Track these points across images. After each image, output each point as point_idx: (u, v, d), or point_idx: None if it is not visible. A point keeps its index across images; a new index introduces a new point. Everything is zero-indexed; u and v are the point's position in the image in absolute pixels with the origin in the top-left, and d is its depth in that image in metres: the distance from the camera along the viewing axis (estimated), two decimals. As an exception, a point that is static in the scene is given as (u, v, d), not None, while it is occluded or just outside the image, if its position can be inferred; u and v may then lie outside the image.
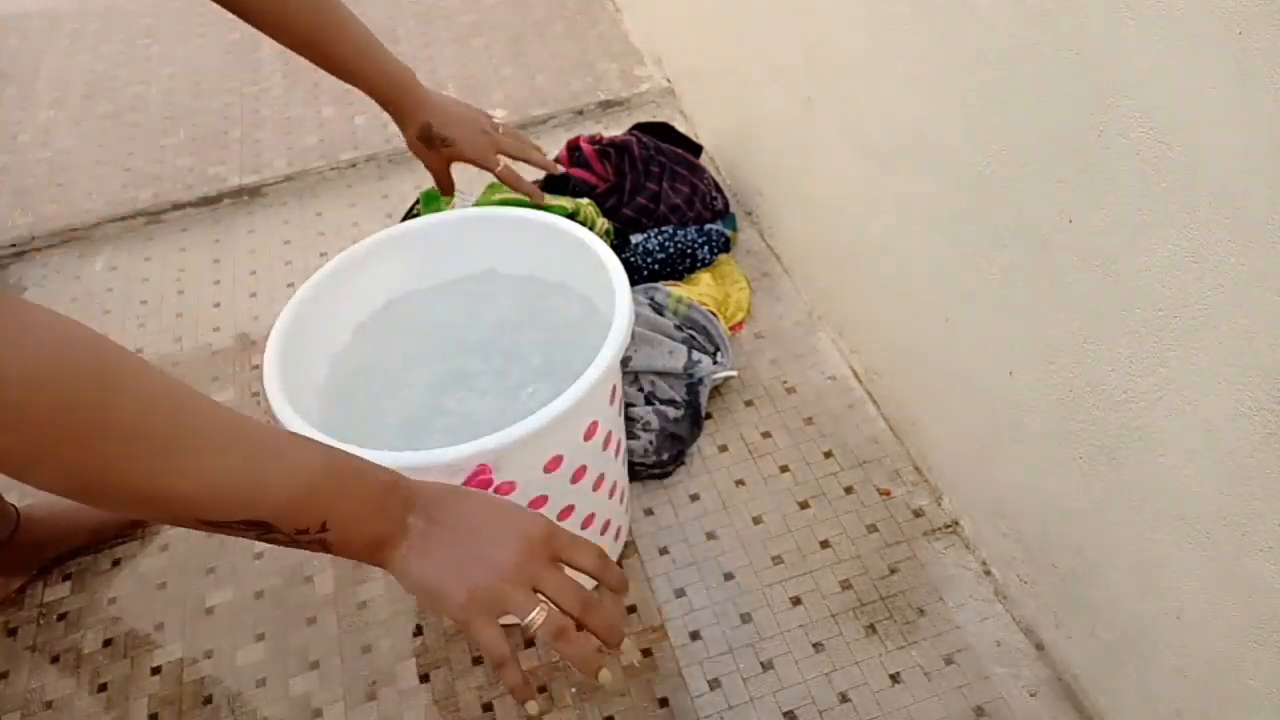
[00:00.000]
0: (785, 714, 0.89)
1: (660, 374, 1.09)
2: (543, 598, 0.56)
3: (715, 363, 1.12)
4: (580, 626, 0.58)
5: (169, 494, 0.45)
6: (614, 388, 0.85)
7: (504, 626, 0.56)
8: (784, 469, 1.08)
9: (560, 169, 1.05)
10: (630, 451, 1.04)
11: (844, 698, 0.89)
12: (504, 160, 1.00)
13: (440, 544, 0.55)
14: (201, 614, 1.02)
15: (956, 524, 1.01)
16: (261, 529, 0.48)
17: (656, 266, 1.21)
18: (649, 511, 1.06)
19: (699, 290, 1.19)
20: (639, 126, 1.36)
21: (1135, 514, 0.71)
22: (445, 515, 0.55)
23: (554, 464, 0.79)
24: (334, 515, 0.51)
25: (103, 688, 0.97)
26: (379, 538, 0.54)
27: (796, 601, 0.97)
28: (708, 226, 1.26)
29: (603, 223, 1.01)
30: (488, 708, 0.92)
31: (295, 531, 0.50)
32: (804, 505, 1.04)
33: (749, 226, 1.37)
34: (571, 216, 0.88)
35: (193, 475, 0.46)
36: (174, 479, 0.45)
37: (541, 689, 0.93)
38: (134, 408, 0.44)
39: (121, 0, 2.08)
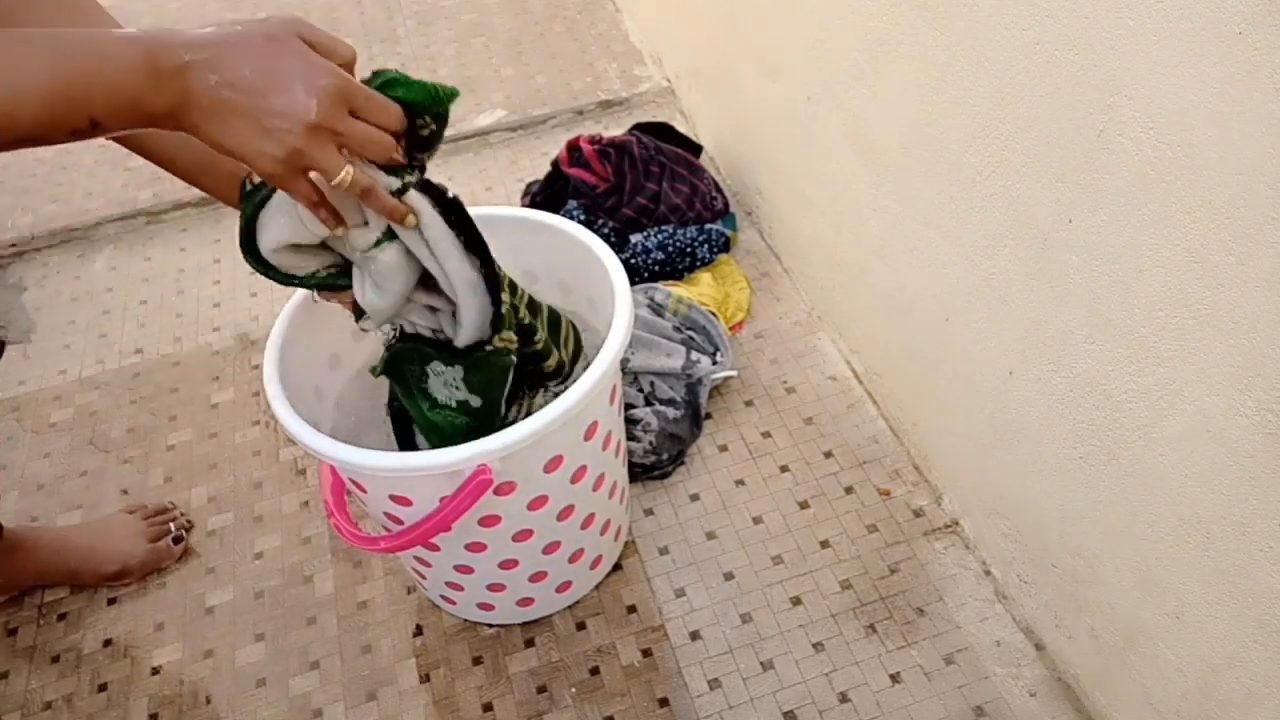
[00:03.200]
0: (785, 714, 0.89)
1: (660, 374, 1.09)
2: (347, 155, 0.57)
3: (715, 363, 1.12)
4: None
5: None
6: (614, 388, 0.85)
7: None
8: (784, 469, 1.08)
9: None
10: (630, 451, 1.04)
11: (844, 698, 0.89)
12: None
13: (235, 105, 0.52)
14: (201, 614, 1.02)
15: (956, 524, 1.01)
16: (32, 142, 0.48)
17: (656, 266, 1.21)
18: (649, 511, 1.06)
19: (699, 290, 1.19)
20: (639, 126, 1.36)
21: (1135, 514, 0.71)
22: (233, 71, 0.51)
23: (554, 464, 0.79)
24: (96, 110, 0.49)
25: (103, 688, 0.97)
26: (162, 113, 0.51)
27: (796, 601, 0.97)
28: (708, 226, 1.26)
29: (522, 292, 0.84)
30: (488, 708, 0.92)
31: (69, 134, 0.49)
32: (804, 505, 1.04)
33: (749, 226, 1.37)
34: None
35: None
36: None
37: (541, 689, 0.93)
38: None
39: (121, 0, 2.08)
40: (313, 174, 0.57)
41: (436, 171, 1.62)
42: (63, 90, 0.48)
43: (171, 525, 1.07)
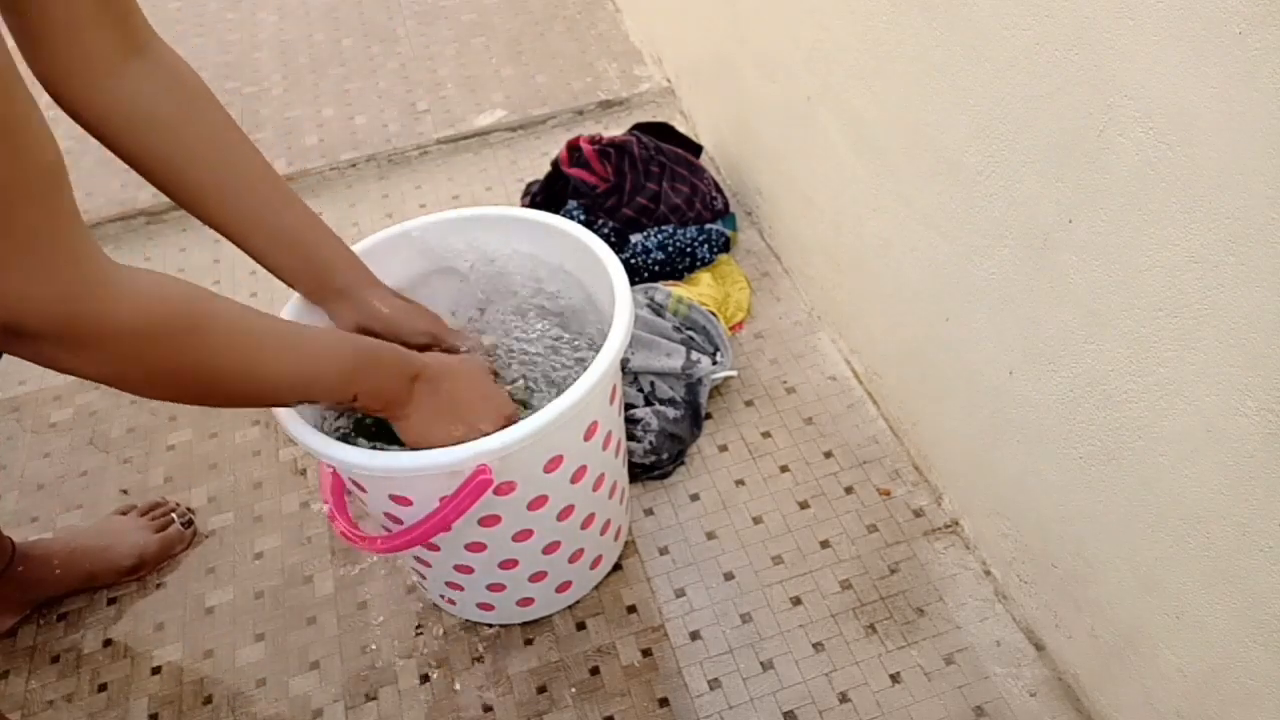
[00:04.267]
0: (785, 714, 0.89)
1: (660, 374, 1.09)
2: None
3: (715, 363, 1.12)
4: None
5: (247, 400, 0.66)
6: (614, 388, 0.85)
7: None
8: (784, 469, 1.08)
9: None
10: (630, 452, 1.04)
11: (844, 698, 0.89)
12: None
13: (437, 409, 0.75)
14: (201, 614, 1.02)
15: (956, 524, 1.01)
16: (312, 403, 0.71)
17: (656, 266, 1.21)
18: (649, 511, 1.06)
19: (699, 290, 1.19)
20: (639, 126, 1.36)
21: (1135, 514, 0.71)
22: (444, 387, 0.75)
23: (554, 464, 0.79)
24: (361, 389, 0.70)
25: (103, 688, 0.97)
26: (393, 400, 0.73)
27: (796, 601, 0.97)
28: (708, 226, 1.26)
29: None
30: (488, 708, 0.92)
31: (336, 402, 0.70)
32: (804, 505, 1.04)
33: (749, 226, 1.37)
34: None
35: (267, 386, 0.65)
36: (251, 391, 0.64)
37: (541, 689, 0.93)
38: (219, 353, 0.60)
39: (121, 0, 2.08)
40: None
41: (437, 171, 1.62)
42: (349, 381, 0.69)
43: (173, 515, 1.07)
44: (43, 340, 0.51)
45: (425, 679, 0.95)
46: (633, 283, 1.19)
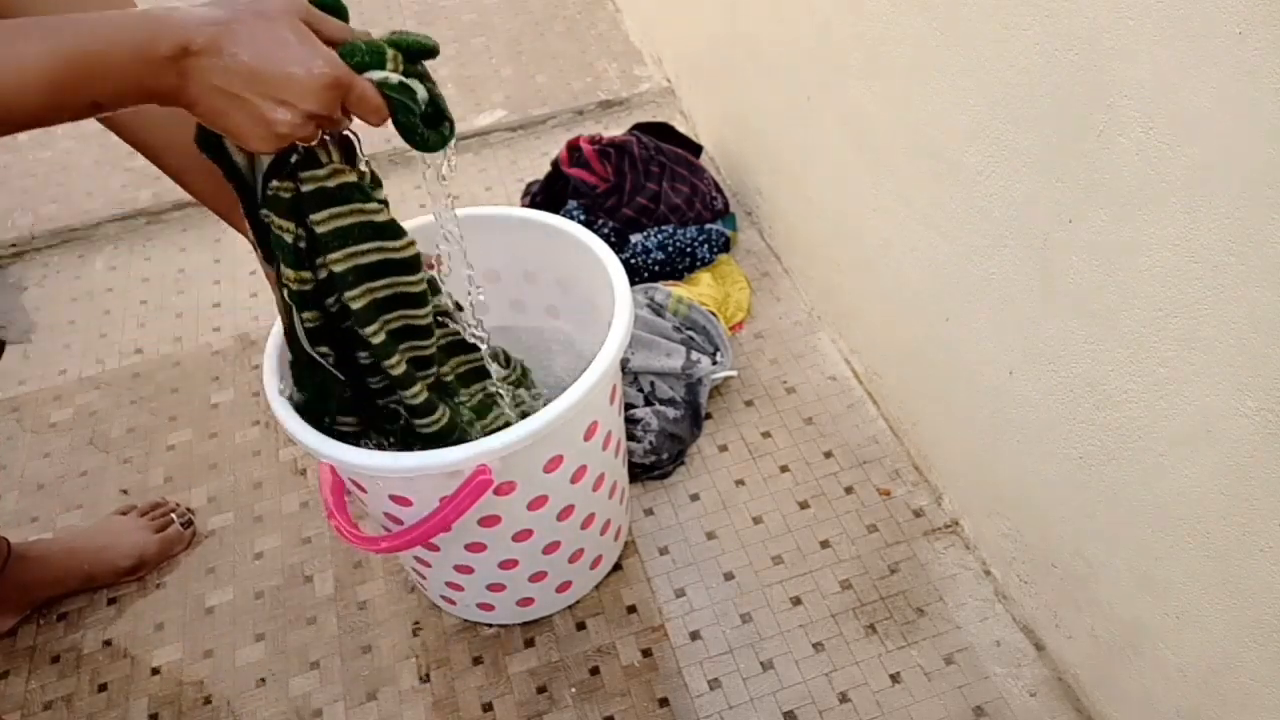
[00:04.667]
0: (785, 714, 0.89)
1: (660, 374, 1.09)
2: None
3: (715, 363, 1.12)
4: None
5: None
6: (614, 388, 0.85)
7: None
8: (784, 469, 1.08)
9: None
10: (630, 452, 1.04)
11: (844, 698, 0.89)
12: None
13: (231, 90, 0.52)
14: (201, 614, 1.02)
15: (956, 524, 1.01)
16: (35, 126, 0.49)
17: (656, 266, 1.21)
18: (649, 511, 1.06)
19: (699, 290, 1.19)
20: (639, 126, 1.36)
21: (1135, 514, 0.71)
22: (230, 56, 0.51)
23: (554, 464, 0.79)
24: (98, 94, 0.50)
25: (103, 688, 0.97)
26: (162, 93, 0.52)
27: (796, 601, 0.97)
28: (708, 226, 1.26)
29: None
30: (488, 708, 0.92)
31: (71, 117, 0.50)
32: (804, 505, 1.04)
33: (749, 226, 1.37)
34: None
35: None
36: None
37: (541, 689, 0.93)
38: None
39: (121, 0, 2.08)
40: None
41: (436, 171, 1.61)
42: (66, 77, 0.48)
43: (173, 516, 1.07)
44: None
45: (425, 679, 0.95)
46: (633, 283, 1.19)
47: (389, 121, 0.63)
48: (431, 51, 0.66)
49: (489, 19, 1.89)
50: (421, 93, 0.64)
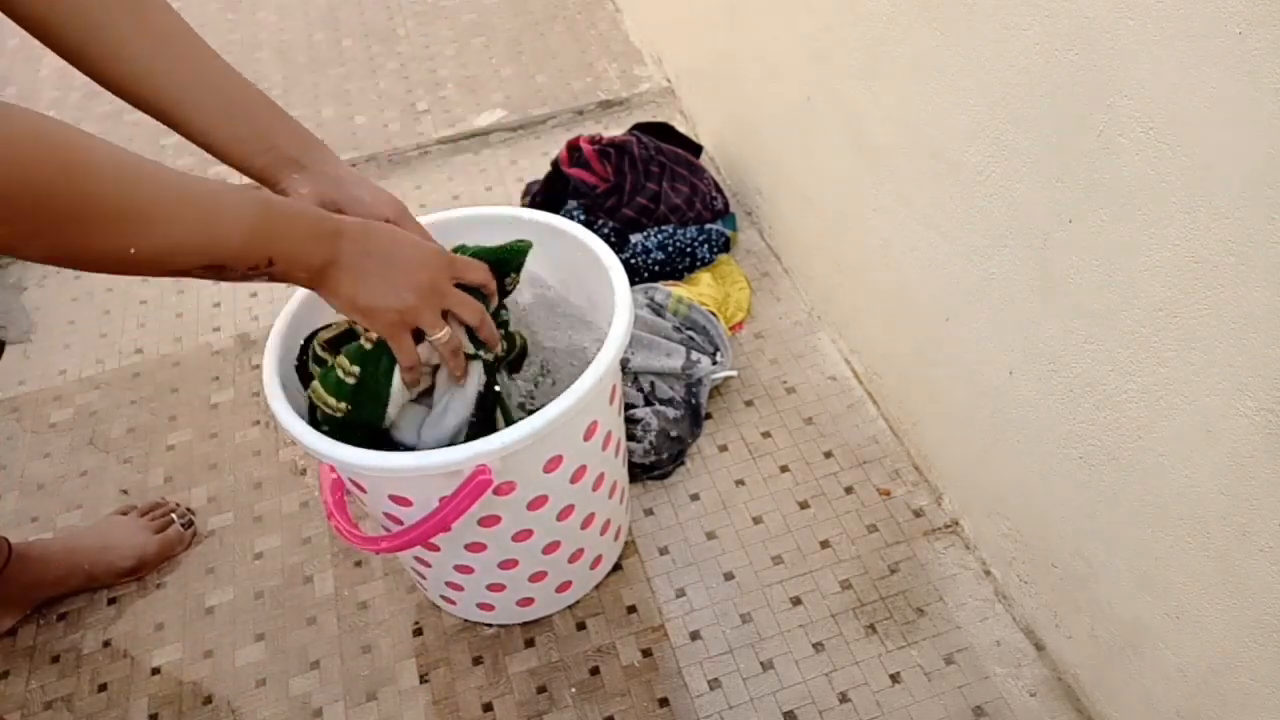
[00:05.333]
0: (785, 714, 0.89)
1: (660, 374, 1.09)
2: (448, 318, 0.72)
3: (715, 363, 1.12)
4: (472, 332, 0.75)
5: (139, 257, 0.54)
6: (614, 388, 0.85)
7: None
8: (784, 469, 1.08)
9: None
10: (630, 452, 1.04)
11: (844, 698, 0.89)
12: None
13: (369, 272, 0.66)
14: (201, 614, 1.03)
15: (956, 524, 1.01)
16: (218, 271, 0.59)
17: (656, 266, 1.21)
18: (649, 511, 1.06)
19: (699, 290, 1.19)
20: (639, 126, 1.36)
21: (1135, 514, 0.71)
22: (373, 244, 0.67)
23: (554, 464, 0.79)
24: (276, 251, 0.61)
25: (103, 688, 0.97)
26: (317, 266, 0.64)
27: (796, 601, 0.97)
28: (708, 226, 1.26)
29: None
30: (488, 708, 0.92)
31: (247, 269, 0.60)
32: (804, 505, 1.04)
33: (749, 226, 1.37)
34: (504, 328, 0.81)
35: (157, 239, 0.54)
36: (141, 244, 0.54)
37: (541, 689, 0.93)
38: (100, 189, 0.51)
39: (121, 0, 2.08)
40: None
41: (436, 171, 1.62)
42: (259, 240, 0.60)
43: (173, 516, 1.07)
44: None
45: (425, 679, 0.95)
46: (633, 283, 1.20)
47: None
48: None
49: (489, 19, 1.89)
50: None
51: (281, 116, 0.74)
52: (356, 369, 0.74)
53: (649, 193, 1.24)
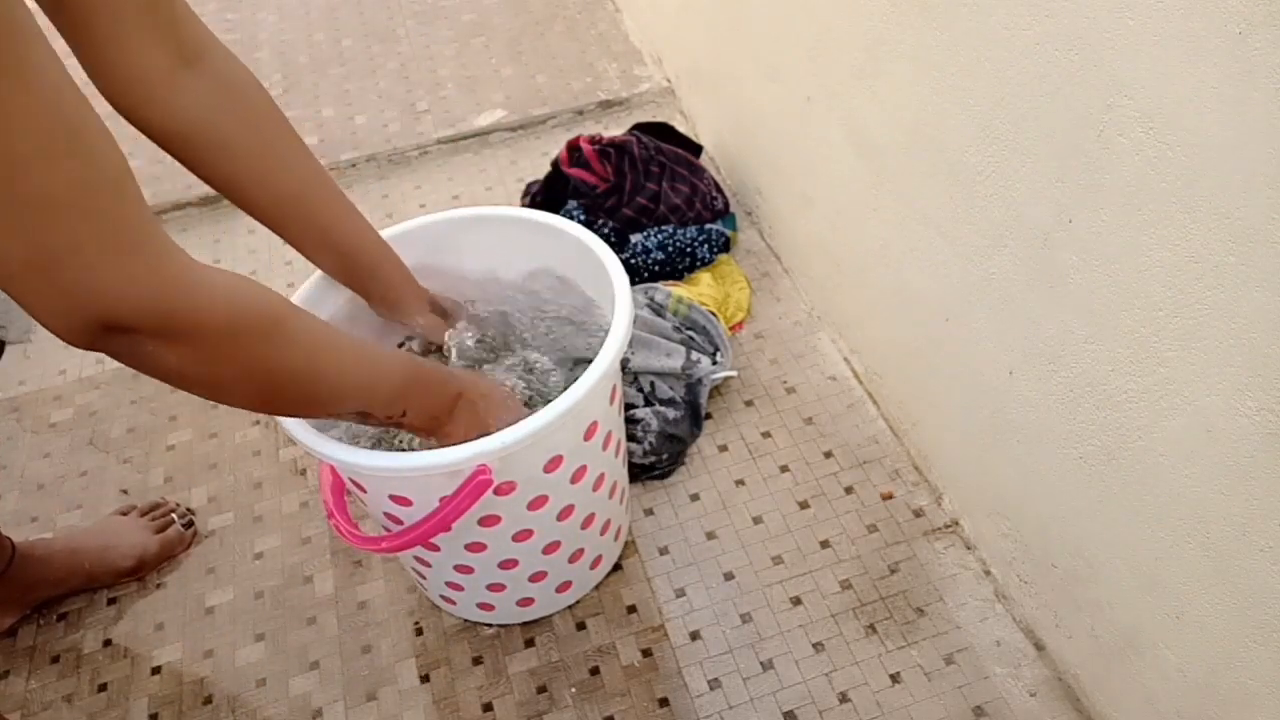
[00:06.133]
0: (785, 714, 0.89)
1: (660, 374, 1.09)
2: None
3: (715, 363, 1.12)
4: None
5: (312, 406, 0.67)
6: (614, 388, 0.85)
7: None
8: (784, 469, 1.08)
9: None
10: (630, 452, 1.04)
11: (844, 698, 0.89)
12: None
13: (472, 425, 0.76)
14: (201, 614, 1.02)
15: (956, 524, 1.01)
16: (364, 415, 0.69)
17: (656, 266, 1.21)
18: (649, 511, 1.06)
19: (699, 290, 1.19)
20: (639, 126, 1.36)
21: (1135, 514, 0.71)
22: (480, 405, 0.77)
23: (554, 464, 0.79)
24: (411, 406, 0.71)
25: (103, 688, 0.97)
26: (437, 417, 0.74)
27: (796, 601, 0.97)
28: (708, 226, 1.26)
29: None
30: (488, 708, 0.92)
31: (386, 417, 0.70)
32: (804, 505, 1.04)
33: (749, 226, 1.37)
34: None
35: (334, 392, 0.65)
36: (320, 395, 0.65)
37: (541, 689, 0.93)
38: (296, 355, 0.61)
39: None
40: None
41: (437, 171, 1.62)
42: (399, 396, 0.70)
43: (174, 516, 1.07)
44: (140, 335, 0.52)
45: (425, 679, 0.95)
46: (633, 283, 1.19)
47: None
48: None
49: (489, 19, 1.89)
50: None
51: (392, 262, 0.89)
52: None
53: (649, 193, 1.24)
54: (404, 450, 0.86)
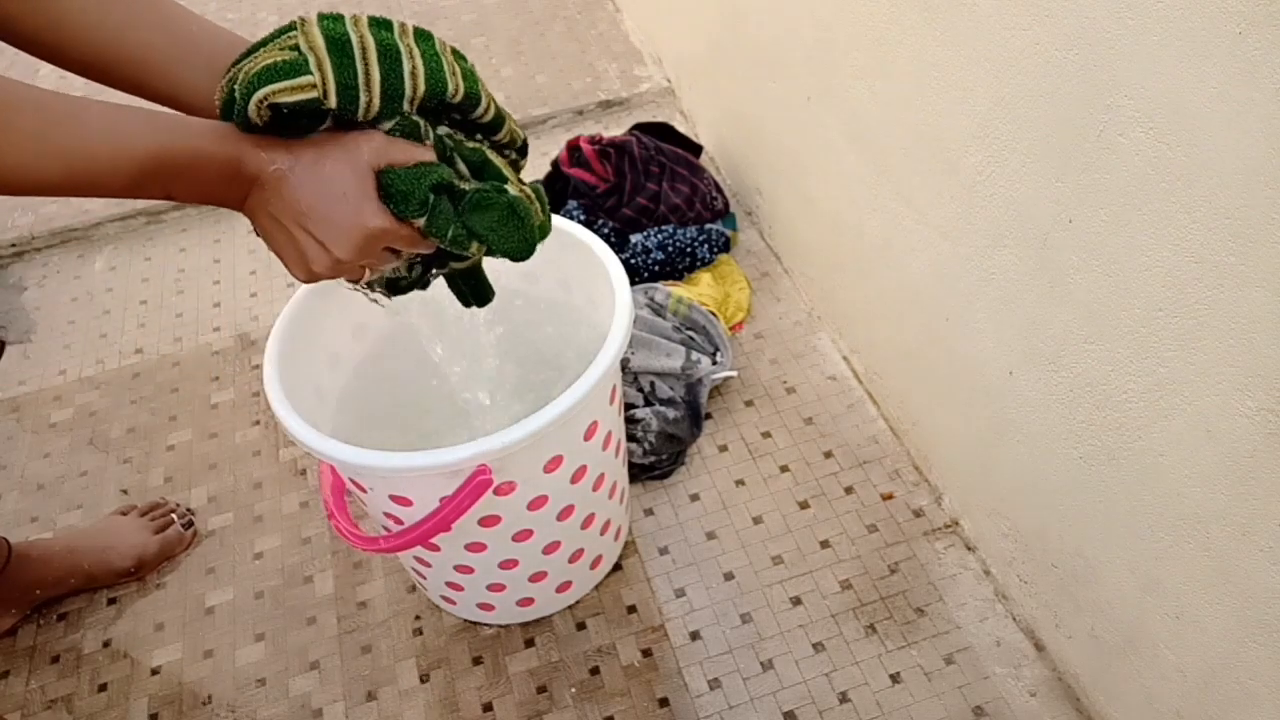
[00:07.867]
0: (785, 714, 0.89)
1: (660, 374, 1.09)
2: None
3: (715, 363, 1.12)
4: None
5: (23, 184, 0.50)
6: (614, 388, 0.85)
7: None
8: (784, 469, 1.08)
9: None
10: (630, 452, 1.04)
11: (844, 698, 0.89)
12: None
13: (281, 230, 0.58)
14: (201, 614, 1.03)
15: (956, 524, 1.01)
16: (105, 196, 0.53)
17: (656, 266, 1.21)
18: (649, 511, 1.06)
19: (699, 290, 1.19)
20: (639, 126, 1.36)
21: (1135, 514, 0.71)
22: (291, 197, 0.56)
23: (554, 464, 0.79)
24: (174, 191, 0.55)
25: (103, 688, 0.97)
26: (227, 201, 0.57)
27: (796, 601, 0.97)
28: (708, 226, 1.26)
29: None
30: (488, 708, 0.92)
31: (142, 197, 0.54)
32: (804, 505, 1.04)
33: (749, 226, 1.37)
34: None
35: (40, 172, 0.50)
36: (21, 175, 0.49)
37: (541, 689, 0.93)
38: None
39: None
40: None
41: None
42: (154, 170, 0.53)
43: (173, 516, 1.07)
44: None
45: (425, 679, 0.95)
46: (633, 283, 1.20)
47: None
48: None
49: (489, 19, 1.89)
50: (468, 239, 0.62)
51: (222, 32, 0.67)
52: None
53: (649, 193, 1.24)
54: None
